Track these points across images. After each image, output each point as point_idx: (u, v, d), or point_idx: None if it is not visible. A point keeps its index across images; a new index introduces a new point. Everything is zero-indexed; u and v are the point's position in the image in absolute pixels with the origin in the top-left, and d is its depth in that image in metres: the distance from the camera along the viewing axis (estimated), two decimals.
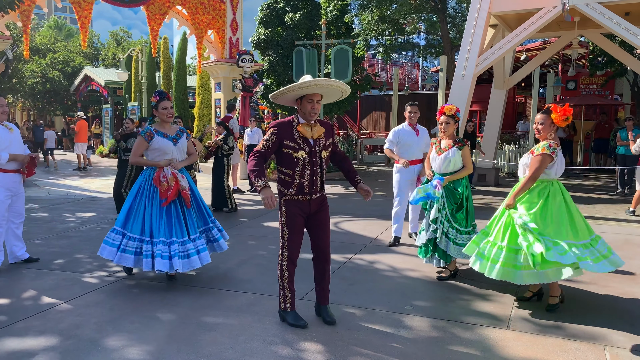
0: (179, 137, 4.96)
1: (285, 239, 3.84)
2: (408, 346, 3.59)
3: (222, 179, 8.86)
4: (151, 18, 13.22)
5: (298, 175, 3.73)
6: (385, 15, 16.59)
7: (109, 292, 4.71)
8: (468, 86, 9.91)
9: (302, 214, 3.84)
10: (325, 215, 3.94)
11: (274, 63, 14.70)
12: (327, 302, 4.03)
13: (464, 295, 4.65)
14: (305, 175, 3.74)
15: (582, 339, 3.71)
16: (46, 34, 35.74)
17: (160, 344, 3.59)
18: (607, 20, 8.91)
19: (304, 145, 3.74)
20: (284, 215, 3.84)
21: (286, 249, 3.85)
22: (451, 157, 5.01)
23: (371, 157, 19.94)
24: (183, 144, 4.99)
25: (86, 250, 6.16)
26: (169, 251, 4.63)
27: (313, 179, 3.77)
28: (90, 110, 29.86)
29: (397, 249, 6.28)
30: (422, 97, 22.01)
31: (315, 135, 3.76)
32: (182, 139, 4.99)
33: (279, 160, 3.82)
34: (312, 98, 3.70)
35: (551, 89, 18.57)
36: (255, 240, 6.70)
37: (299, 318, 3.89)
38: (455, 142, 5.06)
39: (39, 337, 3.70)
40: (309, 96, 3.70)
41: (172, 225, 4.72)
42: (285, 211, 3.82)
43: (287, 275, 3.87)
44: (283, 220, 3.85)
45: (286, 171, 3.76)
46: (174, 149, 4.88)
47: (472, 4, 10.12)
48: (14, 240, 5.54)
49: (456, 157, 5.01)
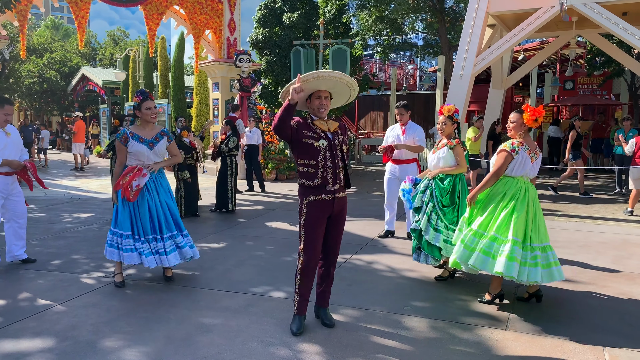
0: (157, 140, 4.81)
1: (304, 242, 3.75)
2: (407, 347, 3.57)
3: (226, 178, 8.80)
4: (149, 18, 13.18)
5: (322, 164, 3.66)
6: (383, 15, 16.59)
7: (105, 293, 4.68)
8: (466, 86, 9.91)
9: (324, 215, 3.75)
10: (344, 217, 3.90)
11: (271, 63, 14.69)
12: (327, 304, 4.00)
13: (462, 295, 4.63)
14: (327, 168, 3.68)
15: (581, 340, 3.70)
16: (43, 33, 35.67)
17: (157, 346, 3.57)
18: (604, 20, 8.91)
19: (323, 136, 3.71)
20: (303, 218, 3.73)
21: (304, 252, 3.76)
22: (442, 156, 5.09)
23: (369, 157, 19.96)
24: (161, 149, 4.85)
25: (83, 251, 6.13)
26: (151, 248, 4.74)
27: (336, 172, 3.71)
28: (87, 110, 29.78)
29: (395, 248, 6.27)
30: (420, 97, 22.04)
31: (332, 129, 3.76)
32: (160, 143, 4.84)
33: (300, 153, 3.72)
34: (320, 94, 3.72)
35: (549, 88, 18.60)
36: (253, 241, 6.68)
37: (300, 326, 3.80)
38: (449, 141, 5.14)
39: (34, 339, 3.67)
40: (316, 93, 3.72)
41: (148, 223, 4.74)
42: (306, 213, 3.72)
43: (300, 278, 3.80)
44: (303, 223, 3.74)
45: (309, 162, 3.68)
46: (150, 153, 4.75)
47: (470, 4, 10.12)
48: (15, 240, 5.52)
49: (447, 155, 5.06)
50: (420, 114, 19.59)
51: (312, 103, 3.75)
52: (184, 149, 8.01)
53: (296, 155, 3.77)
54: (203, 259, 5.83)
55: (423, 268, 5.42)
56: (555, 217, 8.42)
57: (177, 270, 5.37)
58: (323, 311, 3.98)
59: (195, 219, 8.20)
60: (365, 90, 19.12)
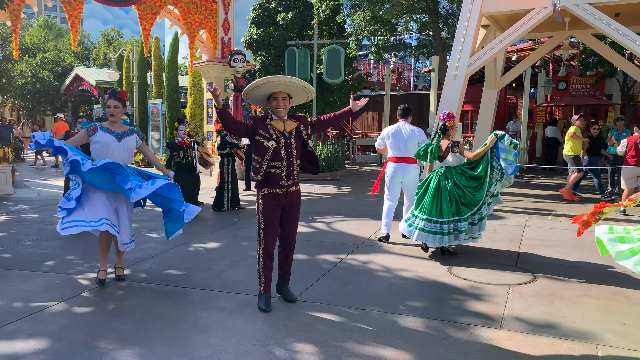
0: (126, 135, 4.82)
1: (262, 230, 4.20)
2: (402, 347, 3.58)
3: (222, 178, 8.85)
4: (143, 18, 13.14)
5: (266, 163, 4.07)
6: (377, 16, 16.62)
7: (100, 293, 4.67)
8: (460, 86, 9.95)
9: (279, 206, 4.19)
10: (298, 209, 4.34)
11: (266, 63, 14.68)
12: (288, 283, 4.50)
13: (457, 295, 4.66)
14: (282, 166, 4.08)
15: (574, 338, 3.73)
16: (36, 33, 35.49)
17: (152, 346, 3.57)
18: (597, 21, 8.97)
19: (277, 137, 4.09)
20: (260, 208, 4.19)
21: (263, 238, 4.20)
22: None
23: (363, 157, 19.98)
24: (129, 142, 4.82)
25: (77, 252, 6.10)
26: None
27: (290, 169, 4.12)
28: (81, 111, 29.65)
29: (390, 248, 6.29)
30: (414, 97, 22.05)
31: (288, 129, 4.13)
32: (129, 138, 4.83)
33: (253, 149, 4.18)
34: (277, 96, 4.11)
35: (542, 89, 18.70)
36: (247, 241, 6.67)
37: (267, 303, 4.21)
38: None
39: (29, 340, 3.66)
40: (273, 94, 4.11)
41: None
42: (262, 204, 4.18)
43: (262, 262, 4.24)
44: (260, 213, 4.20)
45: (257, 158, 4.13)
46: (117, 144, 4.74)
47: (464, 5, 10.15)
48: None
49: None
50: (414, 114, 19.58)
51: (271, 104, 4.15)
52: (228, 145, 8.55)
53: (251, 151, 4.26)
54: (198, 259, 5.83)
55: (418, 268, 5.44)
56: (549, 216, 8.48)
57: (172, 270, 5.37)
58: (285, 289, 4.48)
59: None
60: (359, 91, 19.14)
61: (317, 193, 11.05)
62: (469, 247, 6.31)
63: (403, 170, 6.54)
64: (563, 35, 11.99)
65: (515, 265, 5.65)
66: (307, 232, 7.22)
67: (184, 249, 6.32)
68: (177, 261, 5.76)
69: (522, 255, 6.03)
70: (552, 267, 5.52)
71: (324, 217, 8.32)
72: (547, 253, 6.14)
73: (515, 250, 6.26)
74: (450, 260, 5.75)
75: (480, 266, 5.54)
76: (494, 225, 7.48)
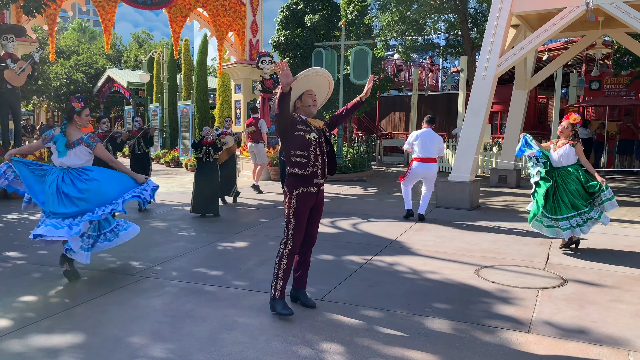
0: (78, 143, 4.97)
1: (292, 230, 4.06)
2: (428, 349, 3.58)
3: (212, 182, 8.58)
4: (173, 20, 13.41)
5: (312, 155, 4.00)
6: (405, 16, 16.54)
7: (133, 290, 4.79)
8: (489, 87, 9.82)
9: (310, 206, 4.13)
10: (322, 207, 4.29)
11: (293, 64, 14.77)
12: (305, 287, 4.35)
13: (484, 297, 4.62)
14: (317, 162, 4.03)
15: (605, 344, 3.67)
16: (70, 36, 36.46)
17: (182, 343, 3.65)
18: (632, 19, 8.75)
19: (315, 130, 4.06)
20: (293, 207, 4.05)
21: (291, 239, 4.07)
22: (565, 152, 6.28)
23: (390, 158, 19.89)
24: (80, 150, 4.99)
25: (110, 249, 6.25)
26: None
27: (323, 167, 4.10)
28: (112, 111, 30.35)
29: (417, 250, 6.27)
30: (442, 98, 21.87)
31: (319, 126, 4.14)
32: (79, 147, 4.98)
33: (292, 144, 4.03)
34: (310, 93, 4.10)
35: (574, 89, 18.29)
36: (274, 241, 6.73)
37: (287, 307, 4.09)
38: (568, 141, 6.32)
39: (65, 334, 3.79)
40: (307, 92, 4.10)
41: None
42: (295, 203, 4.04)
43: (285, 263, 4.08)
44: (292, 212, 4.05)
45: (300, 152, 4.01)
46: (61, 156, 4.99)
47: (493, 4, 10.03)
48: None
49: (569, 152, 6.26)
50: (442, 115, 19.51)
51: (305, 101, 4.09)
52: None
53: (288, 147, 4.07)
54: (226, 258, 5.92)
55: (445, 270, 5.42)
56: None
57: (201, 268, 5.47)
58: (302, 293, 4.33)
59: (217, 218, 8.29)
60: (386, 91, 19.07)
61: (343, 194, 11.07)
62: (499, 250, 6.24)
63: (427, 168, 7.97)
64: (596, 34, 11.71)
65: (544, 268, 5.57)
66: (333, 233, 7.26)
67: (212, 247, 6.43)
68: (206, 260, 5.87)
69: (551, 259, 5.94)
70: (582, 271, 5.42)
71: (349, 217, 8.34)
72: (577, 257, 6.03)
73: (544, 254, 6.17)
74: (478, 263, 5.70)
75: (508, 269, 5.48)
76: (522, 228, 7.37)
